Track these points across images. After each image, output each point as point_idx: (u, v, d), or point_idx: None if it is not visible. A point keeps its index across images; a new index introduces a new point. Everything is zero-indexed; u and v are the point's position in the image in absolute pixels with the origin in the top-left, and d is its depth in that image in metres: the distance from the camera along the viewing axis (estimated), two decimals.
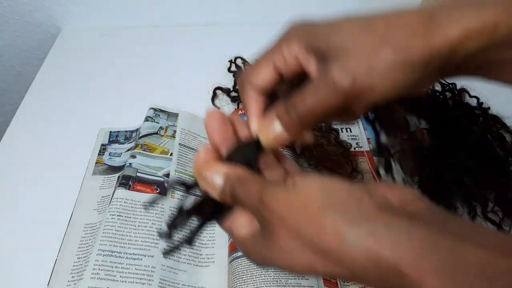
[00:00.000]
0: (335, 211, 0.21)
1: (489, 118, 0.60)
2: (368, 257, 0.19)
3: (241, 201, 0.25)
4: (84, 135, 0.60)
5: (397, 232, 0.19)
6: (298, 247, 0.22)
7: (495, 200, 0.50)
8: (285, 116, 0.26)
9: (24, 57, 0.86)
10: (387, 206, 0.21)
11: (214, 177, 0.25)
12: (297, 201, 0.22)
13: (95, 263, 0.42)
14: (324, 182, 0.23)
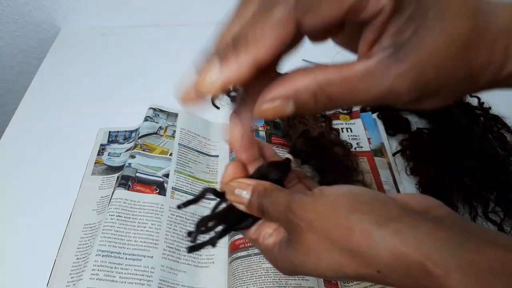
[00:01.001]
0: (363, 214, 0.22)
1: (490, 118, 0.59)
2: (395, 256, 0.20)
3: (268, 211, 0.25)
4: (83, 135, 0.59)
5: (422, 233, 0.20)
6: (327, 250, 0.22)
7: (496, 200, 0.50)
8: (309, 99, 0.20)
9: (24, 57, 0.85)
10: (412, 211, 0.22)
11: (242, 190, 0.27)
12: (325, 206, 0.23)
13: (94, 264, 0.42)
14: (350, 188, 0.24)
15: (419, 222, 0.21)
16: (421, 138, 0.58)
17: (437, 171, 0.52)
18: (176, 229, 0.47)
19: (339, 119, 0.61)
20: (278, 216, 0.25)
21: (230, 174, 0.28)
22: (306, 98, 0.20)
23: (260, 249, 0.28)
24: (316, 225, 0.23)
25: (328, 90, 0.19)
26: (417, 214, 0.22)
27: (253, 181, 0.27)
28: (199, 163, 0.56)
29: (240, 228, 0.29)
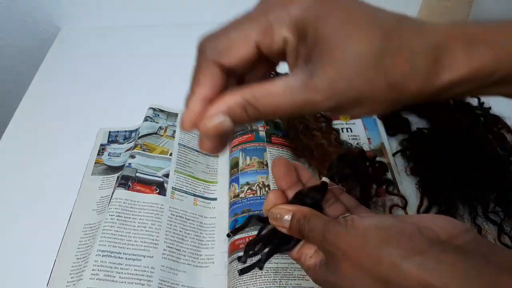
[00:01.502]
0: (390, 247, 0.24)
1: (490, 118, 0.59)
2: (421, 285, 0.23)
3: (307, 235, 0.29)
4: (83, 135, 0.59)
5: (444, 265, 0.23)
6: (360, 276, 0.25)
7: (496, 200, 0.50)
8: (241, 113, 0.22)
9: (24, 57, 0.85)
10: (436, 241, 0.24)
11: (283, 216, 0.30)
12: (357, 239, 0.26)
13: (94, 264, 0.42)
14: (379, 220, 0.26)
15: (442, 254, 0.23)
16: (421, 138, 0.58)
17: (437, 171, 0.52)
18: (176, 229, 0.47)
19: (339, 119, 0.61)
20: (316, 242, 0.29)
21: (272, 201, 0.31)
22: (237, 112, 0.22)
23: (303, 268, 0.31)
24: (349, 255, 0.26)
25: (255, 104, 0.22)
26: (441, 246, 0.24)
27: (293, 207, 0.30)
28: (199, 163, 0.56)
29: (284, 250, 0.32)
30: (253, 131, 0.55)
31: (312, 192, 0.31)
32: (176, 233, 0.47)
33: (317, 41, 0.21)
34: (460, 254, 0.23)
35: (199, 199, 0.52)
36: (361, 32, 0.21)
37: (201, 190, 0.53)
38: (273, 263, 0.42)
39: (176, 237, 0.46)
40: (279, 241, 0.31)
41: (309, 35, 0.21)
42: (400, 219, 0.26)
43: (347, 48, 0.21)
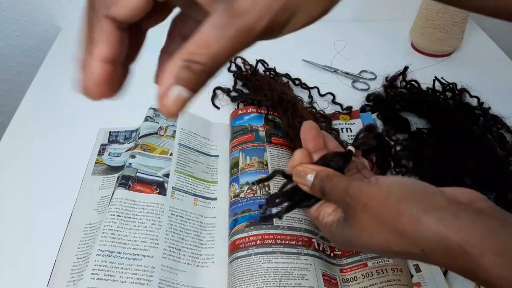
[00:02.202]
0: (412, 202, 0.25)
1: (489, 118, 0.60)
2: (438, 238, 0.23)
3: (329, 194, 0.30)
4: (84, 135, 0.59)
5: (463, 220, 0.23)
6: (378, 228, 0.26)
7: (495, 200, 0.50)
8: (186, 75, 0.20)
9: (24, 57, 0.86)
10: (457, 201, 0.25)
11: (307, 174, 0.31)
12: (379, 192, 0.27)
13: (95, 263, 0.42)
14: (403, 179, 0.28)
15: (461, 211, 0.24)
16: (420, 138, 0.58)
17: (436, 171, 0.52)
18: (176, 229, 0.47)
19: (339, 119, 0.62)
20: (337, 198, 0.29)
21: (297, 159, 0.32)
22: (185, 76, 0.20)
23: (320, 225, 0.32)
24: (370, 207, 0.27)
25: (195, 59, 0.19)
26: (461, 204, 0.25)
27: (317, 166, 0.32)
28: (199, 163, 0.56)
29: (303, 206, 0.33)
30: (253, 131, 0.55)
31: (337, 158, 0.32)
32: (176, 233, 0.47)
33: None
34: (479, 214, 0.24)
35: (199, 199, 0.52)
36: None
37: (201, 190, 0.53)
38: (273, 263, 0.42)
39: (176, 237, 0.47)
40: (300, 198, 0.33)
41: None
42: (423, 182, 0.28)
43: None
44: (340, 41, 0.77)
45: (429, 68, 0.71)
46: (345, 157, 0.33)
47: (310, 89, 0.67)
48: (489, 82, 0.67)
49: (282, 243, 0.44)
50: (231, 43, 0.19)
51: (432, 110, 0.61)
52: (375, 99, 0.64)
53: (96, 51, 0.20)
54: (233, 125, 0.58)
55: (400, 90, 0.66)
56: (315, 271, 0.42)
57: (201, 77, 0.20)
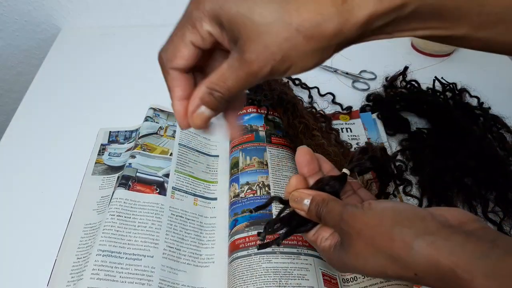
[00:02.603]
0: (403, 227, 0.26)
1: (489, 118, 0.60)
2: (430, 262, 0.24)
3: (324, 218, 0.31)
4: (84, 135, 0.59)
5: (454, 244, 0.24)
6: (372, 254, 0.27)
7: (495, 200, 0.50)
8: (210, 98, 0.27)
9: (24, 57, 0.86)
10: (447, 225, 0.26)
11: (303, 199, 0.32)
12: (372, 219, 0.28)
13: (95, 263, 0.42)
14: (395, 204, 0.29)
15: (452, 235, 0.24)
16: (420, 138, 0.58)
17: (436, 171, 0.52)
18: (177, 229, 0.47)
19: (339, 119, 0.62)
20: (333, 223, 0.30)
21: (293, 185, 0.33)
22: (207, 99, 0.27)
23: (318, 249, 0.33)
24: (364, 234, 0.27)
25: (215, 87, 0.26)
26: (452, 228, 0.25)
27: (312, 191, 0.32)
28: (199, 163, 0.56)
29: (301, 231, 0.34)
30: (253, 131, 0.55)
31: (332, 181, 0.33)
32: (176, 233, 0.47)
33: (231, 25, 0.24)
34: (469, 236, 0.24)
35: (199, 199, 0.52)
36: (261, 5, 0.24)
37: (201, 190, 0.53)
38: (273, 262, 0.42)
39: (176, 237, 0.47)
40: (297, 223, 0.33)
41: (224, 22, 0.24)
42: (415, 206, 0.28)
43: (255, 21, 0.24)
44: None
45: (429, 68, 0.71)
46: (340, 180, 0.34)
47: (310, 89, 0.67)
48: (489, 82, 0.67)
49: (282, 243, 0.44)
50: (241, 82, 0.25)
51: (432, 110, 0.61)
52: (375, 99, 0.64)
53: (174, 95, 0.28)
54: None
55: (400, 90, 0.66)
56: (315, 271, 0.42)
57: (220, 102, 0.27)
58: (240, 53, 0.25)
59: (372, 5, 0.23)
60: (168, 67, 0.28)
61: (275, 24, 0.23)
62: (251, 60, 0.24)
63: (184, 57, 0.27)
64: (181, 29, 0.27)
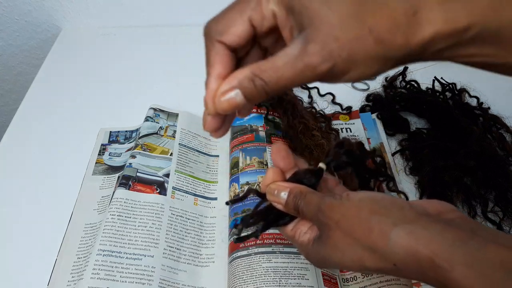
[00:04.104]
0: (381, 216, 0.25)
1: (489, 118, 0.60)
2: (408, 252, 0.23)
3: (302, 211, 0.30)
4: (84, 135, 0.60)
5: (432, 232, 0.23)
6: (351, 245, 0.26)
7: (495, 200, 0.50)
8: (249, 85, 0.24)
9: (24, 57, 0.86)
10: (425, 214, 0.25)
11: (280, 192, 0.31)
12: (350, 209, 0.27)
13: (95, 263, 0.42)
14: (372, 194, 0.28)
15: (430, 224, 0.24)
16: (420, 138, 0.58)
17: (436, 171, 0.52)
18: (177, 229, 0.47)
19: (339, 119, 0.62)
20: (311, 215, 0.29)
21: (270, 177, 0.32)
22: (247, 85, 0.24)
23: (296, 244, 0.32)
24: (341, 224, 0.27)
25: (261, 75, 0.24)
26: (430, 217, 0.25)
27: (290, 184, 0.31)
28: (199, 163, 0.56)
29: (279, 224, 0.33)
30: (253, 131, 0.55)
31: (309, 174, 0.32)
32: (177, 233, 0.47)
33: (303, 11, 0.23)
34: (448, 225, 0.24)
35: (199, 198, 0.52)
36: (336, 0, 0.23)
37: (201, 190, 0.53)
38: (273, 262, 0.42)
39: (176, 237, 0.47)
40: (275, 217, 0.32)
41: (295, 6, 0.23)
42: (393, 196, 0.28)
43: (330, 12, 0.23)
44: None
45: (429, 68, 0.71)
46: (316, 174, 0.33)
47: (310, 89, 0.67)
48: (488, 82, 0.67)
49: (282, 242, 0.44)
50: (295, 74, 0.24)
51: (431, 110, 0.61)
52: (374, 99, 0.64)
53: (212, 70, 0.26)
54: (233, 125, 0.58)
55: (400, 90, 0.66)
56: (315, 271, 0.42)
57: (259, 92, 0.24)
58: (304, 42, 0.23)
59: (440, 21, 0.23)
60: (215, 38, 0.26)
61: (349, 19, 0.23)
62: (315, 51, 0.23)
63: (236, 33, 0.25)
64: (240, 4, 0.25)
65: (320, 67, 0.23)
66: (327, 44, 0.23)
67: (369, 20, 0.23)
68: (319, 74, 0.24)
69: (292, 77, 0.24)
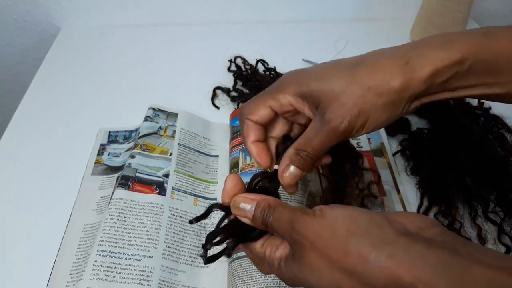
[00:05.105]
0: (359, 237, 0.24)
1: (490, 118, 0.59)
2: (389, 277, 0.22)
3: (272, 226, 0.28)
4: (83, 135, 0.59)
5: (414, 255, 0.22)
6: (327, 267, 0.25)
7: (496, 200, 0.50)
8: (297, 158, 0.31)
9: (23, 57, 0.85)
10: (405, 232, 0.24)
11: (246, 205, 0.30)
12: (326, 228, 0.25)
13: (94, 264, 0.42)
14: (348, 211, 0.26)
15: (411, 244, 0.23)
16: (421, 138, 0.58)
17: (437, 171, 0.52)
18: (176, 229, 0.47)
19: None
20: (282, 232, 0.28)
21: (231, 189, 0.32)
22: (295, 159, 0.31)
23: (268, 262, 0.30)
24: (317, 245, 0.25)
25: (302, 148, 0.31)
26: (410, 235, 0.24)
27: (257, 196, 0.30)
28: (199, 163, 0.56)
29: (248, 239, 0.30)
30: None
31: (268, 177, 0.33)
32: (176, 233, 0.47)
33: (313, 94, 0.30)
34: (429, 245, 0.23)
35: (199, 199, 0.52)
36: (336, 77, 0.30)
37: (201, 190, 0.53)
38: None
39: (176, 237, 0.46)
40: (243, 232, 0.30)
41: (306, 93, 0.31)
42: (369, 211, 0.26)
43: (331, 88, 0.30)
44: (340, 41, 0.77)
45: None
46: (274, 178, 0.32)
47: None
48: None
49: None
50: (324, 139, 0.30)
51: (432, 110, 0.61)
52: None
53: (248, 139, 0.34)
54: (233, 125, 0.58)
55: None
56: None
57: (307, 161, 0.31)
58: (321, 115, 0.30)
59: (432, 62, 0.28)
60: (245, 117, 0.34)
61: (350, 87, 0.29)
62: (330, 118, 0.29)
63: (259, 114, 0.33)
64: (264, 95, 0.33)
65: (340, 128, 0.29)
66: (338, 110, 0.29)
67: (366, 80, 0.29)
68: (342, 133, 0.29)
69: (323, 142, 0.30)
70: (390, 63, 0.29)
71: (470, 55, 0.28)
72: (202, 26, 0.83)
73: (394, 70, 0.28)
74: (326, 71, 0.31)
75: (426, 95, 0.30)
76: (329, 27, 0.83)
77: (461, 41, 0.28)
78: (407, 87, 0.28)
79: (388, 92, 0.28)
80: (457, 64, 0.28)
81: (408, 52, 0.29)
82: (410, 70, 0.28)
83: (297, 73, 0.33)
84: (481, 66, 0.28)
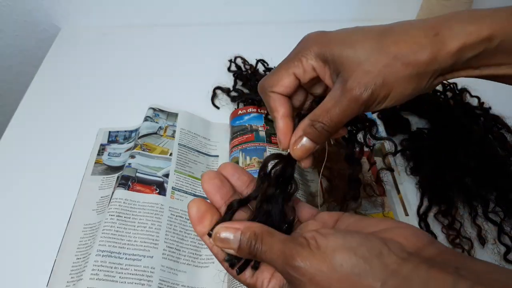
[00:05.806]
0: (361, 271, 0.23)
1: (490, 118, 0.59)
2: None
3: (262, 258, 0.26)
4: (83, 135, 0.59)
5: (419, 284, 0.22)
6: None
7: (496, 200, 0.50)
8: (312, 130, 0.29)
9: (23, 57, 0.85)
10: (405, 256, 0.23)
11: (229, 234, 0.27)
12: (324, 263, 0.24)
13: (94, 264, 0.42)
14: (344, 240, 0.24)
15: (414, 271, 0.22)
16: (421, 138, 0.58)
17: (437, 171, 0.52)
18: (176, 229, 0.47)
19: None
20: (275, 266, 0.25)
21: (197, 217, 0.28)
22: (309, 130, 0.29)
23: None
24: (317, 281, 0.23)
25: (318, 119, 0.29)
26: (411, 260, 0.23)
27: (240, 223, 0.27)
28: (199, 163, 0.56)
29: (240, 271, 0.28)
30: (253, 131, 0.55)
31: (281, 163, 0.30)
32: (176, 233, 0.47)
33: (335, 59, 0.28)
34: (431, 268, 0.22)
35: None
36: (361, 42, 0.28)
37: (201, 190, 0.53)
38: None
39: (176, 237, 0.46)
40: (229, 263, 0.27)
41: (328, 57, 0.29)
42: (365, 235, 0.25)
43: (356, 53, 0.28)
44: None
45: None
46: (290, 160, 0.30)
47: None
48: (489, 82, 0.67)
49: None
50: (344, 109, 0.28)
51: (432, 110, 0.61)
52: None
53: (277, 114, 0.31)
54: (233, 125, 0.58)
55: None
56: None
57: (322, 133, 0.29)
58: (342, 82, 0.27)
59: (462, 36, 0.27)
60: (268, 90, 0.31)
61: (375, 54, 0.27)
62: (353, 86, 0.27)
63: (284, 85, 0.31)
64: (286, 63, 0.31)
65: (362, 97, 0.27)
66: (361, 78, 0.27)
67: (393, 49, 0.27)
68: (363, 103, 0.27)
69: (342, 113, 0.28)
70: (419, 33, 0.27)
71: (499, 33, 0.27)
72: (202, 26, 0.83)
73: (423, 41, 0.27)
74: (350, 36, 0.29)
75: (451, 71, 0.29)
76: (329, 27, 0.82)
77: (490, 18, 0.27)
78: (434, 59, 0.27)
79: (415, 63, 0.27)
80: (486, 40, 0.27)
81: (437, 24, 0.27)
82: (439, 42, 0.27)
83: (318, 35, 0.30)
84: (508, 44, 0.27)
